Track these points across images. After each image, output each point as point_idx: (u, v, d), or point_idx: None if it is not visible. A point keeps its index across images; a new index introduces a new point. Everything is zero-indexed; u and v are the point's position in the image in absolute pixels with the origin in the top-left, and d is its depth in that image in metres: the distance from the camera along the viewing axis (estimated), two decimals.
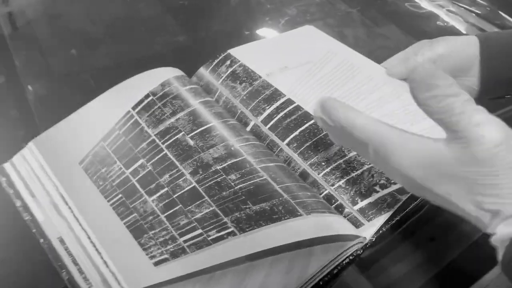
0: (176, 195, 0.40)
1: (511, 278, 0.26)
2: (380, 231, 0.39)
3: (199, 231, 0.37)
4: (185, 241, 0.37)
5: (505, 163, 0.25)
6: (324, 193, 0.41)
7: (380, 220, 0.39)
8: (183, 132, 0.43)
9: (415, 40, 0.48)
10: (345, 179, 0.41)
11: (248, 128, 0.46)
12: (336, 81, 0.47)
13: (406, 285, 0.38)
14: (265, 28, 0.66)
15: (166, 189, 0.40)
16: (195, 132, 0.43)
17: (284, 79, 0.48)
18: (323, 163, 0.42)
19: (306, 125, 0.44)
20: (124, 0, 0.67)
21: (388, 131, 0.30)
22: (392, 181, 0.40)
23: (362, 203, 0.40)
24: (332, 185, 0.41)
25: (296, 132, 0.44)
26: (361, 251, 0.37)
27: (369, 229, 0.39)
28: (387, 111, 0.45)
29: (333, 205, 0.40)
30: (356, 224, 0.39)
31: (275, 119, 0.45)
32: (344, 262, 0.36)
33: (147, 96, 0.46)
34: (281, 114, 0.45)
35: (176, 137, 0.43)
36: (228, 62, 0.51)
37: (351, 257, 0.36)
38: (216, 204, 0.38)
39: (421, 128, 0.43)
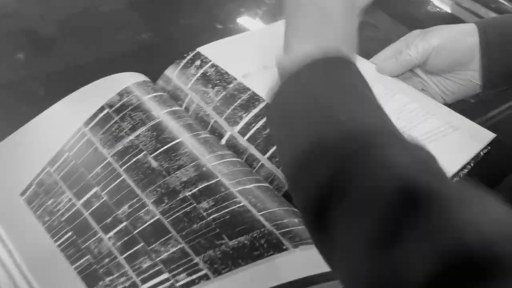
0: (137, 230, 0.35)
1: None
2: None
3: (166, 275, 0.33)
4: None
5: None
6: None
7: None
8: (145, 152, 0.38)
9: (407, 29, 0.45)
10: None
11: (223, 141, 0.42)
12: None
13: None
14: (240, 21, 0.61)
15: (125, 223, 0.36)
16: (160, 150, 0.38)
17: (264, 81, 0.44)
18: None
19: None
20: None
21: None
22: None
23: None
24: None
25: None
26: None
27: None
28: None
29: None
30: None
31: (254, 128, 0.41)
32: None
33: (101, 109, 0.42)
34: (261, 122, 0.41)
35: (136, 158, 0.38)
36: (198, 63, 0.47)
37: None
38: (185, 240, 0.34)
39: (422, 131, 0.41)
